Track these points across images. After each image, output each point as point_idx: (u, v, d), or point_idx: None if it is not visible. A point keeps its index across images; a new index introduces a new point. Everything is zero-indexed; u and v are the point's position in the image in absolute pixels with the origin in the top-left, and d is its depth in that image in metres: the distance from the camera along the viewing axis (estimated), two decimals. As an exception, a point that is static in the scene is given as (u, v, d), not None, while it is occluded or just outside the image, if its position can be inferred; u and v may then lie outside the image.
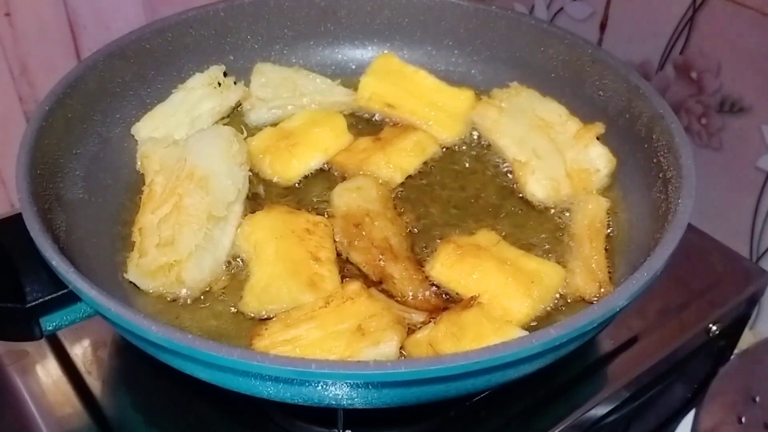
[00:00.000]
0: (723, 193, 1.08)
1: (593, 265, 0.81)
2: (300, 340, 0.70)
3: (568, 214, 0.89)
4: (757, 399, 0.86)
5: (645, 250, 0.76)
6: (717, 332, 0.93)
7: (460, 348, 0.68)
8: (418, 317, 0.75)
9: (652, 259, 0.68)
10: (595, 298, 0.79)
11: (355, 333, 0.70)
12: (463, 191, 0.93)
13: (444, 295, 0.79)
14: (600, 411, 0.83)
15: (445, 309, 0.76)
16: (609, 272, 0.82)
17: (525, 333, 0.70)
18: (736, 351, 1.03)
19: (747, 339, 1.07)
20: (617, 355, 0.87)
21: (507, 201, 0.91)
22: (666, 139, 0.84)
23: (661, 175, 0.83)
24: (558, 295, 0.80)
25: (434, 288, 0.79)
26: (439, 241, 0.84)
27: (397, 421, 0.80)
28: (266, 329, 0.72)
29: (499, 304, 0.76)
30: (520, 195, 0.92)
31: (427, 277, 0.80)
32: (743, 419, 0.84)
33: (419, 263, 0.82)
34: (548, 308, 0.78)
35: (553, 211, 0.90)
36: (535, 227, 0.88)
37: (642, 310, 0.91)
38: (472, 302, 0.73)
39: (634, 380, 0.85)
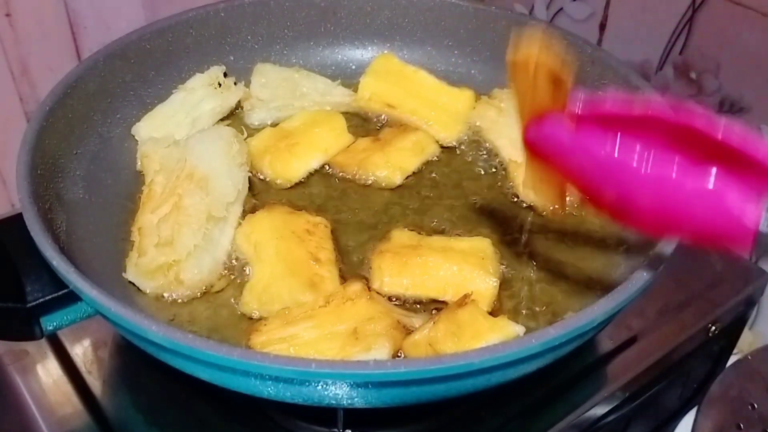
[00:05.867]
0: (722, 193, 1.08)
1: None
2: (296, 339, 0.70)
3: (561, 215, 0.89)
4: (756, 406, 0.86)
5: (644, 249, 0.76)
6: (716, 332, 0.93)
7: (459, 347, 0.68)
8: (417, 321, 0.75)
9: (651, 259, 0.69)
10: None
11: (350, 336, 0.70)
12: (461, 192, 0.93)
13: (402, 303, 0.79)
14: (599, 411, 0.83)
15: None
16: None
17: (519, 326, 0.71)
18: (734, 354, 1.03)
19: (746, 339, 1.07)
20: (616, 354, 0.87)
21: (504, 202, 0.92)
22: (665, 139, 0.84)
23: (660, 175, 0.83)
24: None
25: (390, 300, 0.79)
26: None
27: (397, 421, 0.80)
28: (265, 325, 0.72)
29: (466, 291, 0.76)
30: (515, 195, 0.92)
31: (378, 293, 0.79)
32: (742, 426, 0.84)
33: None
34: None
35: (547, 212, 0.90)
36: (529, 228, 0.88)
37: (641, 310, 0.91)
38: (465, 300, 0.73)
39: (633, 380, 0.86)
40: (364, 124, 1.03)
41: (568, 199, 0.90)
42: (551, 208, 0.88)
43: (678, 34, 1.05)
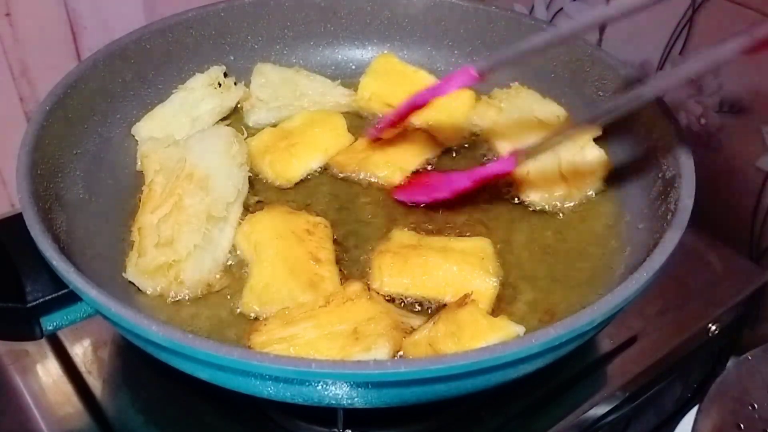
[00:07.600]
0: (722, 193, 1.08)
1: None
2: (296, 339, 0.70)
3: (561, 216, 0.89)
4: (756, 406, 0.86)
5: (644, 249, 0.76)
6: (716, 332, 0.93)
7: (459, 347, 0.68)
8: (417, 321, 0.75)
9: (651, 258, 0.69)
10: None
11: (350, 336, 0.70)
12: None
13: (402, 303, 0.79)
14: (599, 411, 0.83)
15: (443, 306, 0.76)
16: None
17: (519, 326, 0.71)
18: (734, 354, 1.03)
19: (747, 339, 1.07)
20: (616, 354, 0.87)
21: (504, 202, 0.91)
22: (665, 139, 0.84)
23: (660, 175, 0.84)
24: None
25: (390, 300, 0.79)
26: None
27: (397, 421, 0.80)
28: (265, 325, 0.72)
29: (466, 291, 0.76)
30: (515, 196, 0.92)
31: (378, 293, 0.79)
32: (742, 426, 0.84)
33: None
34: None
35: (547, 212, 0.90)
36: (529, 229, 0.88)
37: (641, 310, 0.91)
38: (465, 300, 0.73)
39: (633, 380, 0.86)
40: (364, 124, 1.02)
41: (567, 200, 0.90)
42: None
43: (678, 34, 1.05)
